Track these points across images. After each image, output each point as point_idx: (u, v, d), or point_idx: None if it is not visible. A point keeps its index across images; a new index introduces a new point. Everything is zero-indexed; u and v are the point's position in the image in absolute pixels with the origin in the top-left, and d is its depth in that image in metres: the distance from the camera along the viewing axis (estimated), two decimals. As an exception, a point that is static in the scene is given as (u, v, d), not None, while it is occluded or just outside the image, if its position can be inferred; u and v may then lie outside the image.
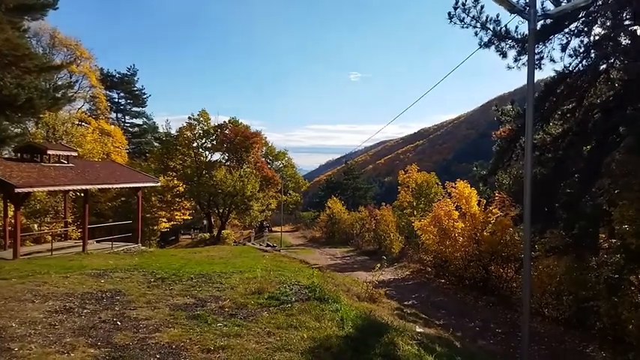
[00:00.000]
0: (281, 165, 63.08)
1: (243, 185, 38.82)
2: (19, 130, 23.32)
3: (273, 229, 57.08)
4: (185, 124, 45.29)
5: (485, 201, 19.73)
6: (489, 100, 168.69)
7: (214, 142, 46.34)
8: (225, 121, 47.78)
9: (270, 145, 61.19)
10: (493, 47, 12.97)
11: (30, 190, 16.56)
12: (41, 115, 24.51)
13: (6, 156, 20.46)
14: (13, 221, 17.85)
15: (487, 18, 12.77)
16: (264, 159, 55.76)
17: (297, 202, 64.95)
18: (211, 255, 20.98)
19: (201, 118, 45.50)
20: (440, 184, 36.42)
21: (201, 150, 46.62)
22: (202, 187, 40.01)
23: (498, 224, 17.97)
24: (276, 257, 23.87)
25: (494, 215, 18.70)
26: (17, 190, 15.35)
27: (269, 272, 12.12)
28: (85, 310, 7.43)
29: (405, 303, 15.81)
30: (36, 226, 23.90)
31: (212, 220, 46.96)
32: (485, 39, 12.89)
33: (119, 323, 6.76)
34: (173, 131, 46.05)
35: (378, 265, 14.35)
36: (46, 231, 23.33)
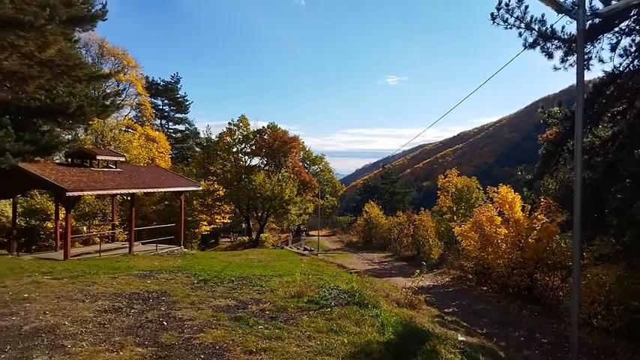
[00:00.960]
0: (318, 169, 63.42)
1: (281, 189, 39.22)
2: (70, 136, 24.49)
3: (310, 233, 57.34)
4: (225, 130, 46.34)
5: (529, 206, 19.05)
6: (533, 102, 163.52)
7: (253, 147, 47.10)
8: (264, 126, 48.59)
9: (307, 149, 61.67)
10: (538, 48, 12.57)
11: (80, 193, 17.36)
12: (91, 122, 25.73)
13: (57, 161, 21.49)
14: (64, 223, 18.78)
15: (532, 18, 12.40)
16: (301, 163, 56.21)
17: (333, 206, 65.03)
18: (250, 258, 21.34)
19: (241, 124, 46.39)
20: (481, 188, 35.50)
21: (240, 155, 47.51)
22: (241, 191, 40.72)
23: (544, 231, 17.32)
24: (313, 261, 23.98)
25: (539, 221, 18.04)
26: (68, 194, 16.12)
27: (307, 276, 12.17)
28: (133, 310, 7.71)
29: (446, 310, 15.47)
30: (85, 228, 25.01)
31: (251, 223, 47.70)
32: (530, 40, 12.51)
33: (165, 323, 6.97)
34: (213, 137, 47.26)
35: (417, 270, 14.12)
36: (94, 233, 24.38)
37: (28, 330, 6.49)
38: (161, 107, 59.19)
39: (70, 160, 20.05)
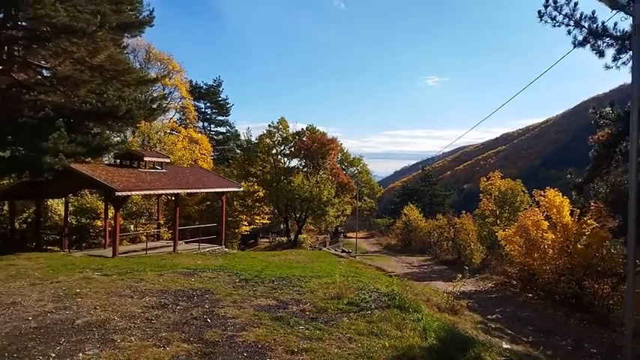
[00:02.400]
0: (356, 171, 63.16)
1: (320, 191, 39.33)
2: (119, 138, 25.52)
3: (348, 234, 57.19)
4: (265, 132, 46.95)
5: (579, 211, 18.22)
6: (582, 102, 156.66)
7: (292, 149, 47.48)
8: (303, 129, 48.89)
9: (345, 151, 61.55)
10: (588, 46, 12.06)
11: (128, 193, 18.05)
12: (138, 125, 26.74)
13: (106, 162, 22.40)
14: (112, 222, 19.59)
15: (581, 15, 11.92)
16: (339, 165, 56.14)
17: (371, 208, 64.60)
18: (289, 259, 21.50)
19: (281, 126, 46.88)
20: (526, 191, 34.23)
21: (279, 156, 48.00)
22: (280, 192, 41.13)
23: (594, 236, 16.51)
24: (352, 263, 23.89)
25: (589, 226, 17.19)
26: (117, 194, 16.78)
27: (346, 278, 12.17)
28: (178, 307, 7.95)
29: (489, 317, 15.01)
30: (132, 226, 26.01)
31: (289, 224, 48.11)
32: (580, 37, 12.02)
33: (209, 320, 7.15)
34: (253, 138, 47.98)
35: (460, 275, 13.80)
36: (141, 231, 25.30)
37: (80, 324, 6.82)
38: (203, 110, 60.78)
39: (118, 161, 20.80)
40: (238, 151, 55.78)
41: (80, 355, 5.54)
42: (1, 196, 19.68)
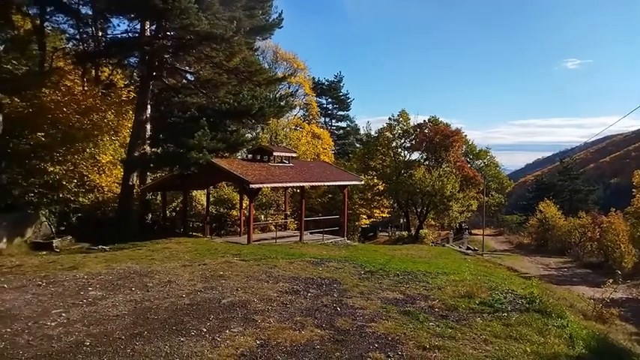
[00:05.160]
0: (482, 164, 59.49)
1: (443, 185, 37.98)
2: (251, 135, 27.54)
3: (473, 231, 54.34)
4: (385, 125, 46.75)
5: None
6: None
7: (413, 142, 46.56)
8: (424, 120, 47.60)
9: (470, 143, 58.36)
10: None
11: (261, 186, 19.41)
12: (268, 122, 28.54)
13: (239, 157, 24.28)
14: (246, 212, 21.23)
15: None
16: (464, 158, 53.46)
17: (500, 203, 60.35)
18: (411, 254, 21.17)
19: (401, 119, 46.22)
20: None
21: (400, 150, 47.44)
22: (401, 185, 40.64)
23: None
24: (479, 261, 22.70)
25: None
26: (251, 186, 18.13)
27: (476, 276, 11.59)
28: (309, 294, 8.33)
29: (646, 329, 13.11)
30: (262, 216, 27.94)
31: (410, 218, 47.34)
32: None
33: (338, 309, 7.37)
34: (373, 132, 48.11)
35: (610, 280, 12.25)
36: (270, 221, 27.04)
37: (226, 303, 7.53)
38: (325, 106, 62.64)
39: (250, 156, 22.37)
40: (358, 145, 56.42)
41: (227, 331, 6.12)
42: (155, 188, 22.54)
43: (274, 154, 22.08)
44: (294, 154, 24.59)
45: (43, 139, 16.94)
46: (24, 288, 8.44)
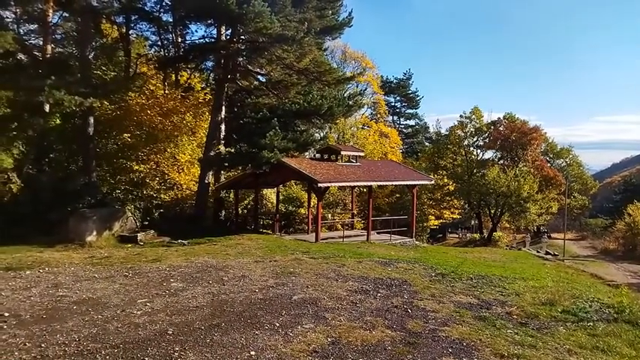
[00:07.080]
0: (564, 163, 55.52)
1: (519, 185, 36.06)
2: (319, 134, 27.83)
3: (553, 235, 50.98)
4: (456, 123, 45.26)
5: None
6: None
7: (487, 140, 44.67)
8: (499, 118, 45.51)
9: (550, 141, 54.74)
10: None
11: (329, 184, 19.56)
12: (336, 122, 28.70)
13: (308, 156, 24.60)
14: (314, 210, 21.50)
15: None
16: (543, 157, 50.32)
17: (583, 206, 56.02)
18: (484, 257, 20.35)
19: (474, 116, 44.50)
20: None
21: (472, 148, 45.74)
22: (473, 186, 39.17)
23: None
24: (559, 267, 21.32)
25: None
26: (320, 185, 18.31)
27: (557, 283, 10.90)
28: (379, 294, 8.26)
29: None
30: (329, 215, 28.16)
31: (482, 220, 45.44)
32: None
33: (409, 311, 7.24)
34: (443, 130, 46.75)
35: None
36: (337, 220, 27.18)
37: (297, 300, 7.67)
38: (393, 104, 61.83)
39: (319, 155, 22.59)
40: (427, 143, 55.08)
41: (299, 327, 6.24)
42: (229, 186, 23.49)
43: (342, 153, 22.14)
44: (361, 153, 24.51)
45: (129, 139, 18.34)
46: (112, 278, 9.17)
